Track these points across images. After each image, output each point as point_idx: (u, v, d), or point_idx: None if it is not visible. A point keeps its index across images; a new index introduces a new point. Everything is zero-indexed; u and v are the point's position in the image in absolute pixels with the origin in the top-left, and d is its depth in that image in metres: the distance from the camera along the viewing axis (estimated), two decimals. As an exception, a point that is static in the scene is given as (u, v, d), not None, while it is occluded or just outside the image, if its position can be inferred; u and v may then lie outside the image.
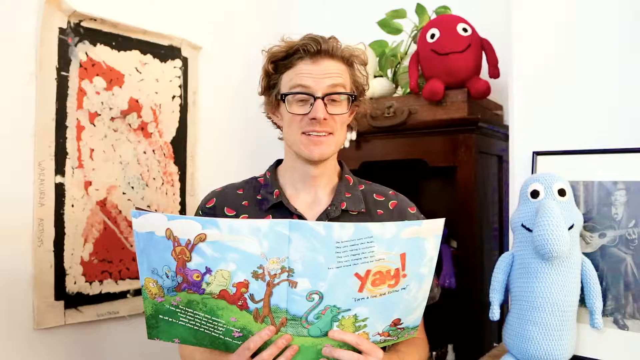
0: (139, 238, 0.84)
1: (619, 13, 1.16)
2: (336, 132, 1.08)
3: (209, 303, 0.85)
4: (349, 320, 0.86)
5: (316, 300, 0.83)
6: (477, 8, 1.81)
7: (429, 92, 1.58)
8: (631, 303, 1.05)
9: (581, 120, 1.19)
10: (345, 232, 0.81)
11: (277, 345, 0.86)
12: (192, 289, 0.85)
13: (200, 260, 0.83)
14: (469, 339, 1.58)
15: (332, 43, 1.08)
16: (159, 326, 0.89)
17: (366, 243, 0.82)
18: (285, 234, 0.80)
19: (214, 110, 1.91)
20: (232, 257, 0.82)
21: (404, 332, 0.93)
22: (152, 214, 0.83)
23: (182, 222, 0.83)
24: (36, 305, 1.38)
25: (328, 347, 0.88)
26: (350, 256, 0.82)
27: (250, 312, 0.85)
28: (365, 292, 0.85)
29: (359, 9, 2.14)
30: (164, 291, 0.86)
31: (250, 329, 0.86)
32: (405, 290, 0.88)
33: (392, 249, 0.84)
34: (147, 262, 0.85)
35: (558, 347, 1.02)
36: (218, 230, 0.81)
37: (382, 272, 0.84)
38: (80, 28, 1.49)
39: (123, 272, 1.60)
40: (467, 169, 1.57)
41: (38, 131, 1.40)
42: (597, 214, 1.10)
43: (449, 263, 1.73)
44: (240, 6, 2.04)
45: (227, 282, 0.83)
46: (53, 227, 1.43)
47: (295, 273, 0.82)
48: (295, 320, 0.85)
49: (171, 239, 0.83)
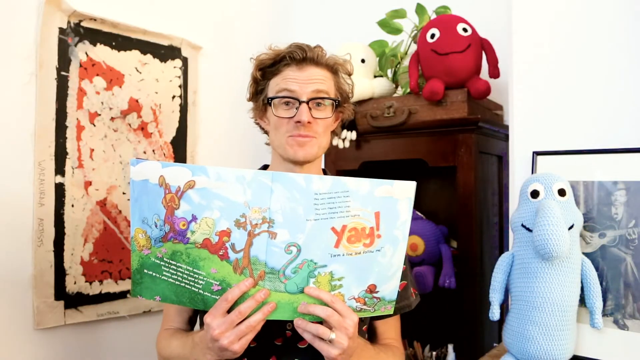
0: (135, 186, 0.88)
1: (619, 13, 1.16)
2: (319, 136, 1.12)
3: (192, 253, 0.88)
4: (325, 277, 0.90)
5: (294, 253, 0.87)
6: (477, 8, 1.81)
7: (429, 92, 1.58)
8: (631, 303, 1.05)
9: (581, 120, 1.19)
10: (323, 184, 0.85)
11: (255, 298, 0.88)
12: (177, 239, 0.88)
13: (188, 208, 0.87)
14: (469, 339, 1.58)
15: (317, 51, 1.13)
16: (142, 282, 0.92)
17: (342, 197, 0.86)
18: (268, 184, 0.85)
19: (214, 110, 1.91)
20: (217, 205, 0.86)
21: (380, 303, 0.94)
22: (149, 162, 0.87)
23: (174, 169, 0.86)
24: (36, 305, 1.38)
25: (303, 304, 0.90)
26: (328, 209, 0.86)
27: (230, 262, 0.88)
28: (341, 249, 0.88)
29: (359, 9, 2.14)
30: (151, 242, 0.89)
31: (229, 281, 0.89)
32: (380, 253, 0.90)
33: (367, 206, 0.87)
34: (139, 212, 0.89)
35: (558, 347, 1.02)
36: (206, 177, 0.85)
37: (357, 229, 0.88)
38: (80, 28, 1.49)
39: (123, 272, 1.60)
40: (467, 169, 1.57)
41: (38, 131, 1.40)
42: (597, 214, 1.10)
43: (449, 263, 1.73)
44: (240, 6, 2.04)
45: (210, 230, 0.87)
46: (53, 227, 1.43)
47: (275, 224, 0.86)
48: (273, 273, 0.88)
49: (163, 186, 0.87)
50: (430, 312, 1.13)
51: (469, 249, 1.58)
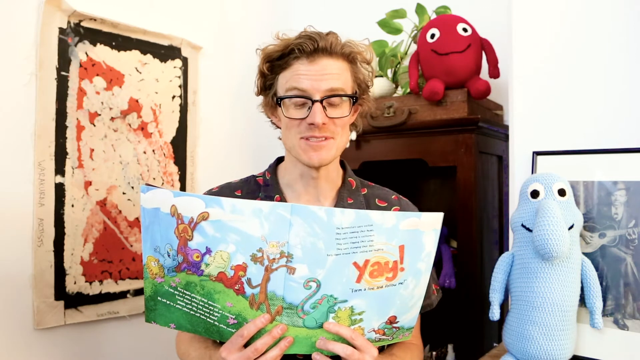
0: (145, 214, 0.85)
1: (619, 13, 1.16)
2: (337, 136, 1.02)
3: (207, 286, 0.85)
4: (345, 312, 0.86)
5: (313, 289, 0.83)
6: (477, 8, 1.81)
7: (429, 92, 1.58)
8: (631, 303, 1.05)
9: (581, 120, 1.19)
10: (346, 218, 0.81)
11: (271, 334, 0.85)
12: (191, 270, 0.85)
13: (201, 240, 0.83)
14: (469, 339, 1.58)
15: (331, 39, 1.00)
16: (156, 309, 0.90)
17: (366, 231, 0.82)
18: (287, 217, 0.80)
19: (214, 110, 1.91)
20: (233, 238, 0.82)
21: (399, 332, 0.93)
22: (160, 190, 0.84)
23: (187, 199, 0.83)
24: (36, 305, 1.38)
25: (322, 340, 0.86)
26: (350, 244, 0.82)
27: (246, 297, 0.84)
28: (362, 283, 0.84)
29: (359, 9, 2.14)
30: (164, 271, 0.86)
31: (245, 316, 0.86)
32: (402, 285, 0.87)
33: (391, 240, 0.83)
34: (151, 240, 0.86)
35: (558, 347, 1.02)
36: (221, 209, 0.81)
37: (380, 263, 0.84)
38: (80, 28, 1.49)
39: (123, 272, 1.60)
40: (467, 169, 1.57)
41: (38, 131, 1.40)
42: (597, 214, 1.10)
43: (449, 263, 1.73)
44: (240, 6, 2.04)
45: (225, 264, 0.83)
46: (53, 227, 1.43)
47: (294, 259, 0.81)
48: (291, 309, 0.84)
49: (175, 216, 0.83)
50: (431, 312, 1.12)
51: (469, 249, 1.58)
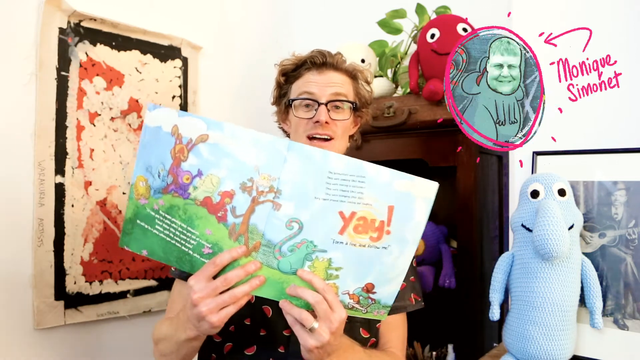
0: (146, 132, 0.86)
1: (619, 13, 1.16)
2: (338, 138, 1.18)
3: (190, 210, 0.85)
4: (322, 263, 0.85)
5: (295, 230, 0.83)
6: (477, 8, 1.81)
7: (429, 92, 1.58)
8: (631, 303, 1.05)
9: (581, 120, 1.19)
10: (340, 163, 0.81)
11: (245, 268, 0.84)
12: (178, 192, 0.85)
13: (195, 162, 0.83)
14: (469, 339, 1.58)
15: (338, 57, 1.20)
16: (132, 232, 0.90)
17: (357, 182, 0.81)
18: (283, 153, 0.81)
19: (214, 110, 1.91)
20: (226, 163, 0.83)
21: (374, 306, 0.89)
22: (166, 108, 0.85)
23: (190, 120, 0.83)
24: (36, 305, 1.38)
25: (293, 286, 0.85)
26: (340, 191, 0.82)
27: (227, 226, 0.84)
28: (345, 236, 0.83)
29: (359, 9, 2.14)
30: (151, 192, 0.87)
31: (222, 245, 0.85)
32: (386, 251, 0.85)
33: (382, 197, 0.82)
34: (145, 158, 0.87)
35: (558, 347, 1.02)
36: (221, 132, 0.82)
37: (366, 219, 0.83)
38: (80, 28, 1.49)
39: (123, 272, 1.60)
40: (467, 169, 1.57)
41: (38, 131, 1.40)
42: (597, 214, 1.10)
43: (449, 263, 1.73)
44: (240, 6, 2.04)
45: (213, 189, 0.83)
46: (53, 227, 1.43)
47: (282, 195, 0.82)
48: (269, 247, 0.84)
49: (175, 136, 0.84)
50: (430, 312, 1.13)
51: (469, 249, 1.58)
